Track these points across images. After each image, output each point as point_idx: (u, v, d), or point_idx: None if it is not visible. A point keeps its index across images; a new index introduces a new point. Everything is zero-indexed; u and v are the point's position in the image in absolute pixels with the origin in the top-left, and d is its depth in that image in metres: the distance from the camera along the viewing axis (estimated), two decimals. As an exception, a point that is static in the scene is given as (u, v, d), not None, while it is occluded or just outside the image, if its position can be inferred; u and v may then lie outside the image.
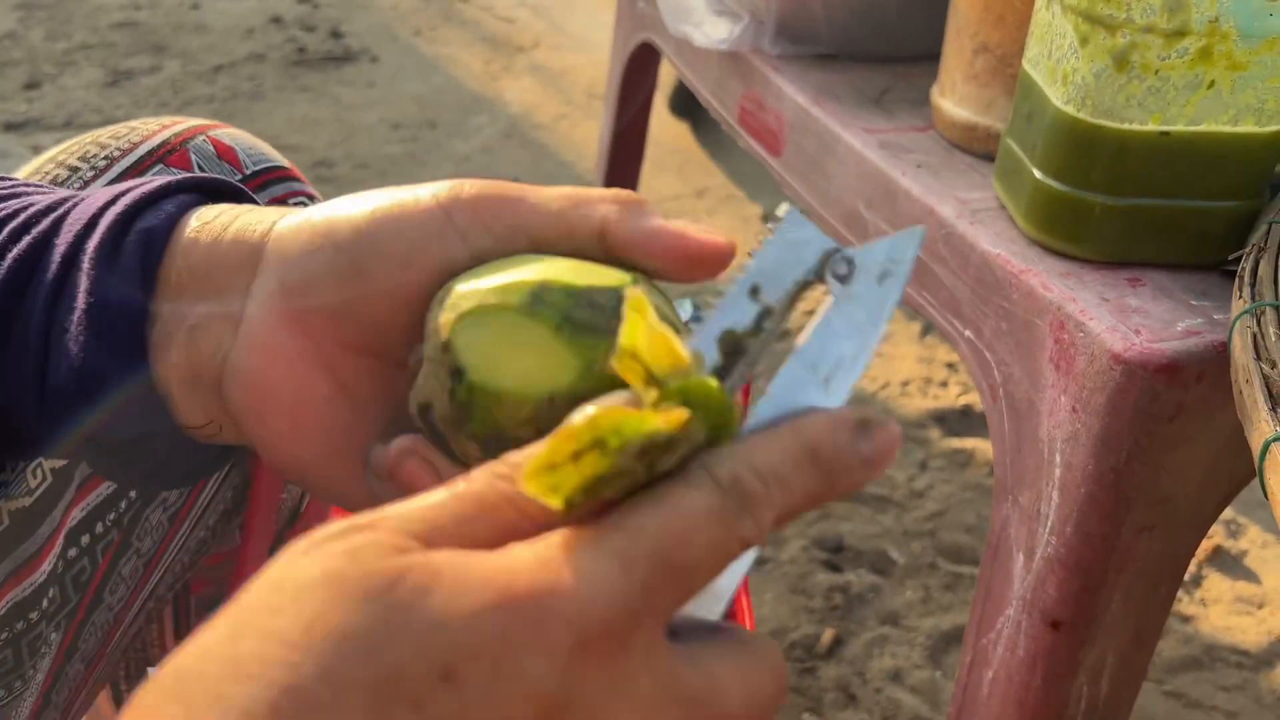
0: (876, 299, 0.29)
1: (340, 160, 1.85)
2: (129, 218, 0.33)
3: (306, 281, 0.31)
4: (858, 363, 0.28)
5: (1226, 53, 0.48)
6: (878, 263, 0.29)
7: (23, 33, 2.27)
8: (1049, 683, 0.55)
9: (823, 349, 0.28)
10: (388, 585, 0.20)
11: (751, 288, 0.29)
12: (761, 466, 0.25)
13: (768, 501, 0.24)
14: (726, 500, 0.24)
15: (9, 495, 0.43)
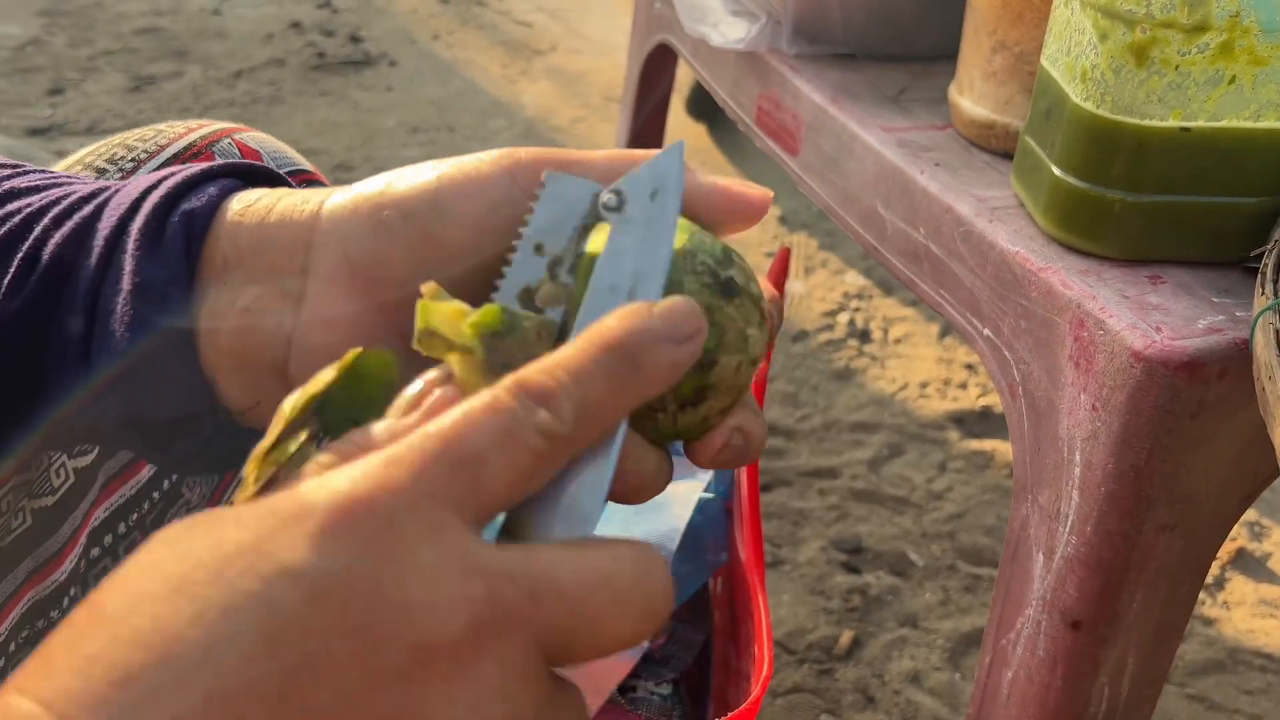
0: (655, 214, 0.29)
1: (359, 164, 1.86)
2: (171, 201, 0.33)
3: (376, 252, 0.31)
4: (655, 272, 0.29)
5: (1248, 48, 0.48)
6: (645, 184, 0.30)
7: (47, 39, 2.29)
8: (1069, 683, 0.54)
9: (616, 269, 0.29)
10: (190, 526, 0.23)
11: (535, 245, 0.30)
12: (548, 363, 0.25)
13: (561, 391, 0.25)
14: (507, 394, 0.24)
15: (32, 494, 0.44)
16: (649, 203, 0.29)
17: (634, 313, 0.26)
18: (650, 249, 0.29)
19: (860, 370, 1.44)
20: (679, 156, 0.30)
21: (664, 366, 0.26)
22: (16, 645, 0.44)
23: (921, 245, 0.62)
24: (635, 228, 0.29)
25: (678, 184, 0.30)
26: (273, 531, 0.21)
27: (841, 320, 1.53)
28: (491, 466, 0.23)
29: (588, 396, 0.25)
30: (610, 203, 0.30)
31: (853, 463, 1.28)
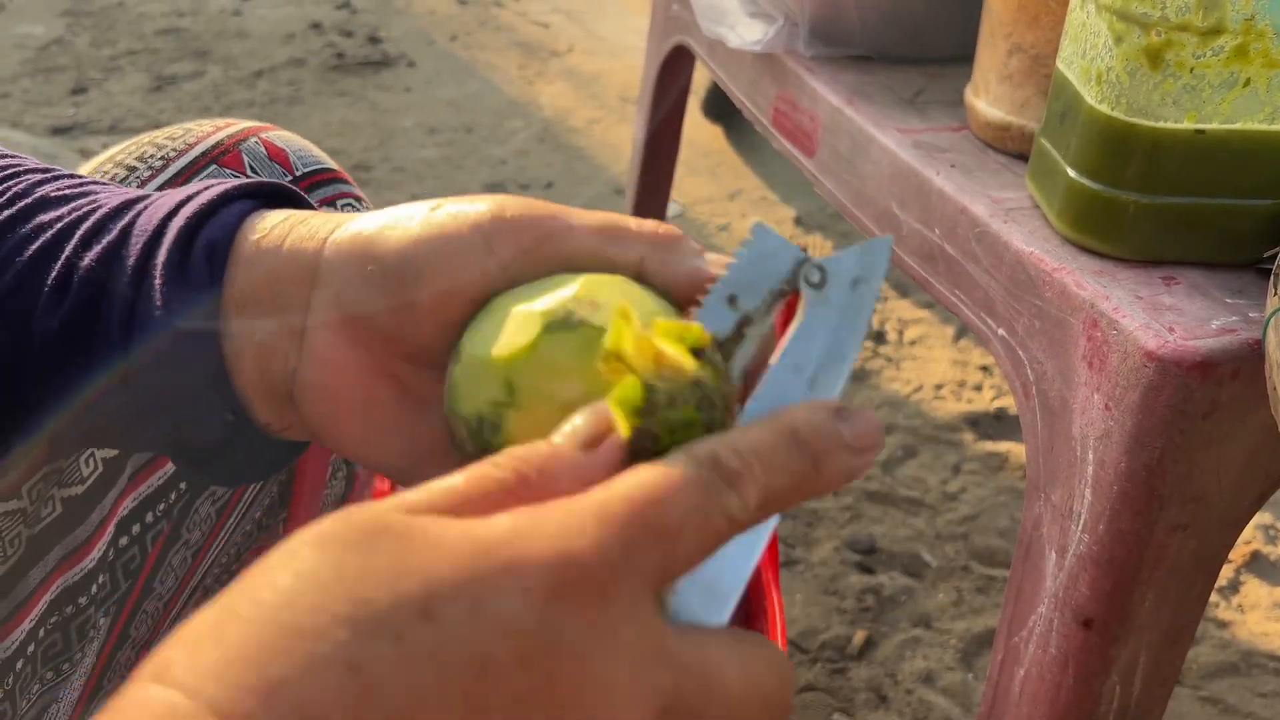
0: (852, 304, 0.29)
1: (377, 164, 1.87)
2: (193, 228, 0.34)
3: (358, 300, 0.33)
4: (841, 366, 0.29)
5: (1262, 50, 0.48)
6: (850, 270, 0.29)
7: (70, 39, 2.32)
8: (1081, 681, 0.55)
9: (804, 350, 0.29)
10: (371, 537, 0.22)
11: (728, 296, 0.30)
12: (741, 446, 0.25)
13: (750, 477, 0.25)
14: (705, 471, 0.24)
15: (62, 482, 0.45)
16: (849, 291, 0.29)
17: (823, 412, 0.27)
18: (839, 339, 0.29)
19: (875, 372, 1.44)
20: (887, 252, 0.30)
21: (841, 473, 0.26)
22: (46, 630, 0.45)
23: (936, 246, 0.63)
24: (832, 312, 0.29)
25: (880, 280, 0.29)
26: (487, 578, 0.21)
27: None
28: (685, 543, 0.24)
29: (772, 487, 0.25)
30: (813, 279, 0.29)
31: (867, 463, 1.29)
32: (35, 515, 0.44)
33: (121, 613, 0.50)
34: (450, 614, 0.21)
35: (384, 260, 0.32)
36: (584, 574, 0.22)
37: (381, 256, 0.32)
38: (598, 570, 0.22)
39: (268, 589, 0.21)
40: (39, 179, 0.37)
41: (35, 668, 0.45)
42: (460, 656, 0.20)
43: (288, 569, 0.21)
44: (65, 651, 0.47)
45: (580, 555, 0.22)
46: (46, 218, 0.35)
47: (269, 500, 0.57)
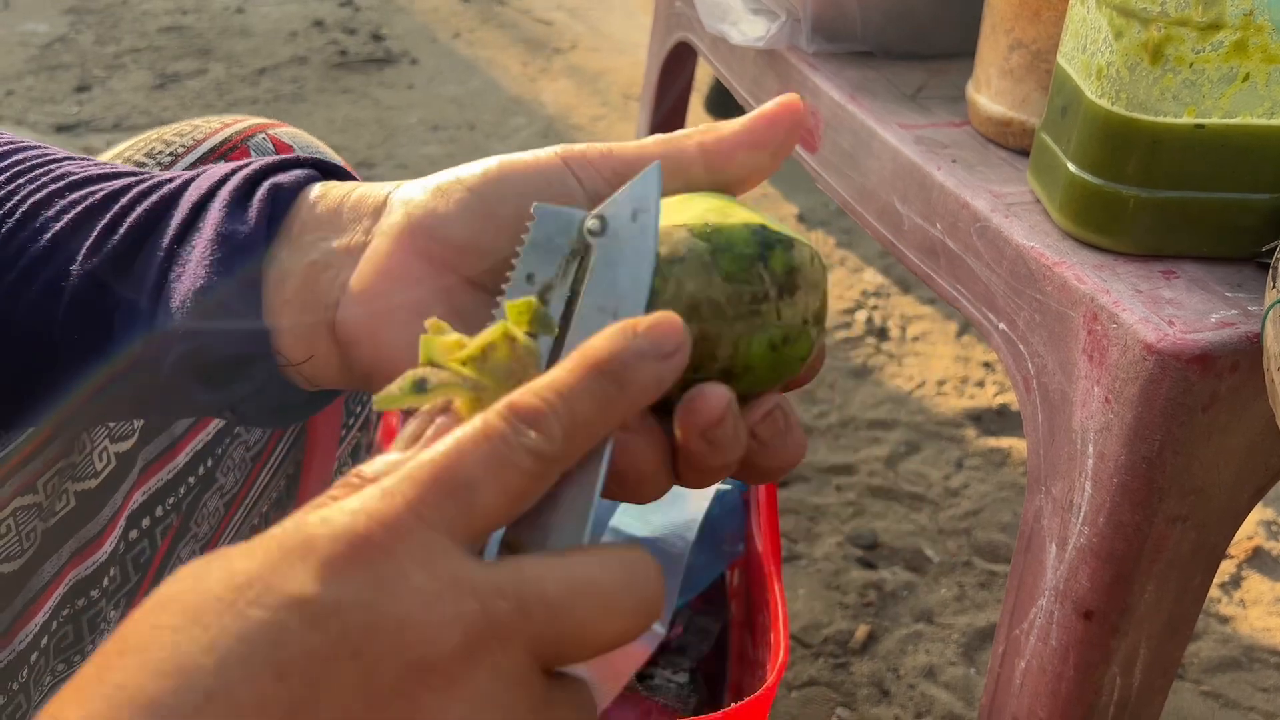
0: (636, 234, 0.31)
1: (381, 161, 1.88)
2: (261, 175, 0.35)
3: (435, 216, 0.33)
4: (638, 290, 0.30)
5: (1261, 46, 0.48)
6: (625, 206, 0.31)
7: (73, 37, 2.32)
8: (1081, 673, 0.55)
9: (602, 289, 0.30)
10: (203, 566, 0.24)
11: (527, 275, 0.31)
12: (538, 386, 0.26)
13: (549, 411, 0.26)
14: (498, 419, 0.26)
15: (75, 476, 0.45)
16: (630, 223, 0.31)
17: (619, 332, 0.28)
18: (633, 268, 0.30)
19: (878, 367, 1.45)
20: (656, 176, 0.31)
21: (649, 382, 0.27)
22: (59, 622, 0.46)
23: (938, 240, 0.63)
24: (619, 248, 0.31)
25: (656, 203, 0.31)
26: (278, 564, 0.23)
27: (859, 318, 1.54)
28: (483, 490, 0.25)
29: (576, 416, 0.26)
30: (594, 227, 0.31)
31: (870, 459, 1.29)
32: (50, 509, 0.44)
33: (132, 606, 0.50)
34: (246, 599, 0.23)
35: (468, 182, 0.33)
36: (364, 538, 0.23)
37: (465, 180, 0.33)
38: (377, 532, 0.24)
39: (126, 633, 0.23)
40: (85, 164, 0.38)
41: (48, 660, 0.46)
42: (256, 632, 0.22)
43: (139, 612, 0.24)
44: (77, 644, 0.48)
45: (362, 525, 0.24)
46: (96, 186, 0.36)
47: (276, 494, 0.57)
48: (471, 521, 0.25)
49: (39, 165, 0.38)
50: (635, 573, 0.26)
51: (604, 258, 0.31)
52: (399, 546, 0.24)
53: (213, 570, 0.23)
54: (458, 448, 0.25)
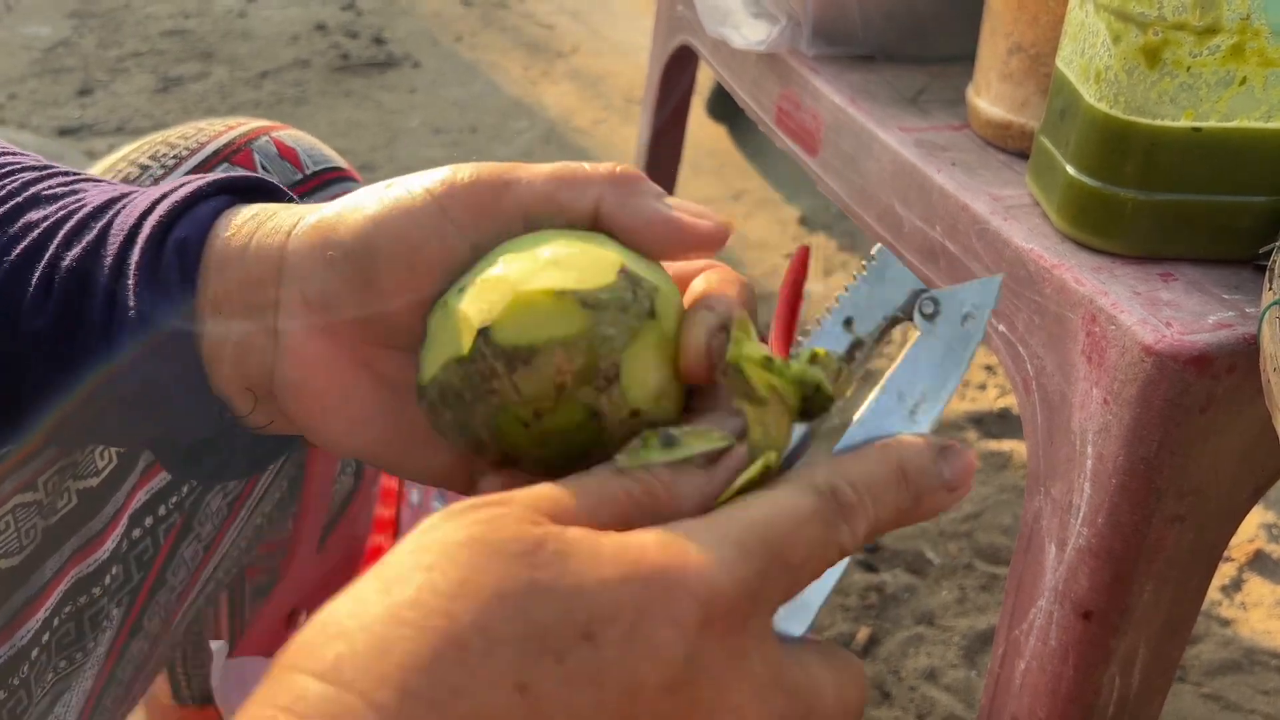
0: (959, 338, 0.31)
1: (383, 164, 1.88)
2: (165, 227, 0.34)
3: (324, 293, 0.32)
4: (941, 395, 0.30)
5: (1258, 49, 0.49)
6: (961, 305, 0.31)
7: (76, 40, 2.33)
8: (1081, 673, 0.55)
9: (909, 380, 0.30)
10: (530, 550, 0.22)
11: (845, 319, 0.31)
12: (856, 478, 0.27)
13: (862, 512, 0.26)
14: (827, 505, 0.26)
15: (77, 475, 0.46)
16: (958, 325, 0.31)
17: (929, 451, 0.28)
18: (944, 372, 0.30)
19: (880, 371, 1.45)
20: (997, 289, 0.31)
21: (936, 510, 0.28)
22: (60, 620, 0.46)
23: (938, 243, 0.64)
24: (940, 345, 0.31)
25: (987, 316, 0.31)
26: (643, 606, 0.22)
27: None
28: (804, 575, 0.25)
29: (876, 521, 0.27)
30: (927, 310, 0.31)
31: (870, 461, 1.29)
32: (51, 507, 0.44)
33: (134, 604, 0.50)
34: (609, 637, 0.22)
35: (342, 245, 0.32)
36: (729, 607, 0.23)
37: (339, 241, 0.32)
38: (739, 603, 0.23)
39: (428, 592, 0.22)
40: (34, 176, 0.37)
41: (49, 657, 0.46)
42: (616, 679, 0.22)
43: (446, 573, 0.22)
44: (79, 641, 0.48)
45: (726, 588, 0.23)
46: (35, 216, 0.36)
47: (279, 495, 0.57)
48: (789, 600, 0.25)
49: None
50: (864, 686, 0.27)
51: (923, 348, 0.31)
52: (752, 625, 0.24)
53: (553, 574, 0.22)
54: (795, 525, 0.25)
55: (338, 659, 0.21)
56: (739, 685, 0.23)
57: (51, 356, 0.34)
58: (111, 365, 0.34)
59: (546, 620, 0.21)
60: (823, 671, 0.26)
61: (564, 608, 0.22)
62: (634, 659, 0.22)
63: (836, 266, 1.65)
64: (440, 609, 0.21)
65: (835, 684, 0.26)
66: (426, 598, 0.21)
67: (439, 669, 0.21)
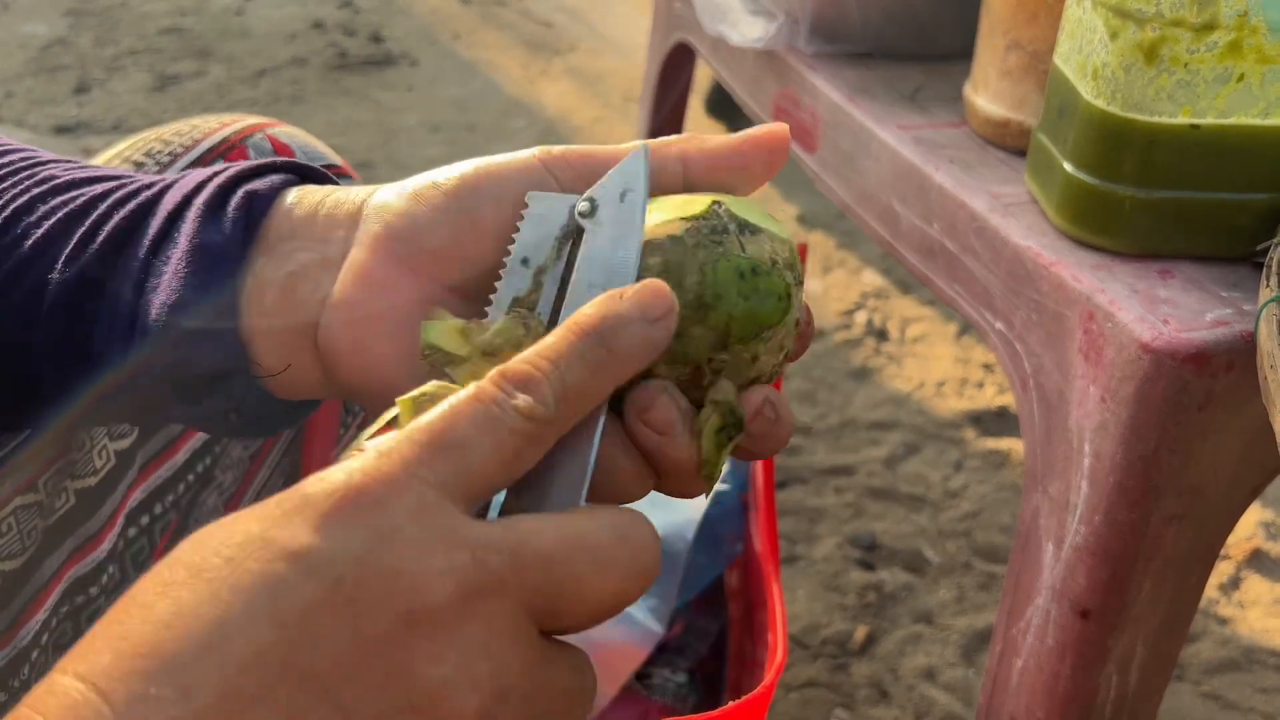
0: (624, 213, 0.31)
1: (380, 162, 1.88)
2: (236, 182, 0.35)
3: (413, 224, 0.33)
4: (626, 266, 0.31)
5: (1256, 46, 0.49)
6: (613, 188, 0.32)
7: (73, 38, 2.33)
8: (1078, 671, 0.55)
9: (592, 268, 0.31)
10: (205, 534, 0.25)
11: (522, 259, 0.32)
12: (529, 353, 0.27)
13: (540, 375, 0.27)
14: (490, 385, 0.26)
15: (75, 474, 0.45)
16: (619, 204, 0.32)
17: (606, 299, 0.28)
18: (621, 244, 0.31)
19: (877, 369, 1.45)
20: (644, 158, 0.32)
21: (638, 346, 0.28)
22: (58, 619, 0.46)
23: (936, 241, 0.64)
24: (608, 227, 0.31)
25: (644, 183, 0.32)
26: (277, 521, 0.24)
27: (859, 319, 1.54)
28: (476, 450, 0.26)
29: (567, 380, 0.27)
30: (584, 210, 0.32)
31: (869, 460, 1.29)
32: (50, 507, 0.44)
33: (131, 603, 0.50)
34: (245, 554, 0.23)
35: (445, 187, 0.33)
36: (359, 493, 0.24)
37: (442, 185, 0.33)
38: (373, 487, 0.24)
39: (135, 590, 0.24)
40: (69, 166, 0.38)
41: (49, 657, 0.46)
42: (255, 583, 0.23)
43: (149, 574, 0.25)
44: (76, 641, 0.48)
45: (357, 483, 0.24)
46: (77, 192, 0.36)
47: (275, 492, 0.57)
48: (466, 480, 0.25)
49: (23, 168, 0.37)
50: (630, 531, 0.26)
51: (594, 237, 0.31)
52: (393, 500, 0.24)
53: (217, 532, 0.24)
54: (451, 411, 0.26)
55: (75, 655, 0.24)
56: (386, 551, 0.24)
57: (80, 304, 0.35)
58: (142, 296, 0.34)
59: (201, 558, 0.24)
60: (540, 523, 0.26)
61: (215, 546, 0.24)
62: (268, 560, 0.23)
63: (835, 264, 1.65)
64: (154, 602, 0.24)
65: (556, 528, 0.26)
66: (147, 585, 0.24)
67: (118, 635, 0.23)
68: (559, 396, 0.27)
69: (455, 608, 0.24)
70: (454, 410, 0.26)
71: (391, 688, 0.23)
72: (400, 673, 0.23)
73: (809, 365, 1.44)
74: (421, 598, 0.24)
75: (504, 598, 0.24)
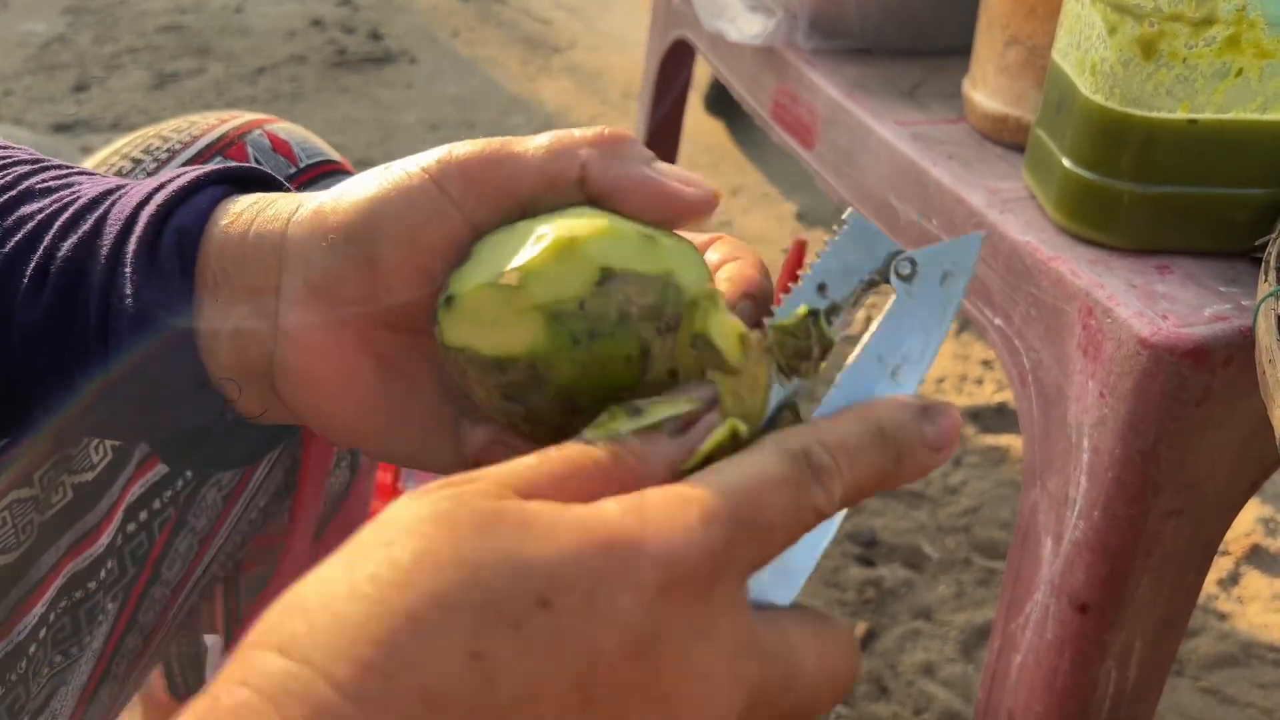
0: (939, 298, 0.30)
1: (379, 160, 1.88)
2: (164, 215, 0.34)
3: (327, 277, 0.32)
4: (924, 357, 0.30)
5: (1254, 41, 0.49)
6: (940, 264, 0.30)
7: (72, 36, 2.32)
8: (1077, 666, 0.55)
9: (889, 342, 0.30)
10: (490, 522, 0.22)
11: (819, 284, 0.30)
12: (830, 441, 0.26)
13: (837, 473, 0.26)
14: (798, 468, 0.25)
15: (72, 469, 0.45)
16: (938, 285, 0.30)
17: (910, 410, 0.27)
18: (926, 332, 0.30)
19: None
20: (977, 246, 0.31)
21: (920, 470, 0.27)
22: (56, 614, 0.46)
23: (934, 237, 0.64)
24: (919, 306, 0.30)
25: (969, 274, 0.30)
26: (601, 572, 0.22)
27: (858, 316, 1.54)
28: (778, 539, 0.25)
29: (856, 484, 0.26)
30: (903, 270, 0.30)
31: (868, 456, 1.29)
32: (46, 502, 0.44)
33: (129, 598, 0.50)
34: (566, 604, 0.21)
35: (342, 227, 0.32)
36: (691, 572, 0.23)
37: (339, 224, 0.32)
38: (703, 567, 0.23)
39: (386, 566, 0.22)
40: (27, 170, 0.37)
41: (46, 652, 0.46)
42: (574, 646, 0.21)
43: (405, 547, 0.22)
44: (74, 636, 0.48)
45: (688, 553, 0.23)
46: (29, 210, 0.35)
47: (274, 488, 0.57)
48: (761, 565, 0.25)
49: None
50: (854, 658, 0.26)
51: (902, 307, 0.30)
52: (715, 591, 0.23)
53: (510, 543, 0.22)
54: (764, 487, 0.25)
55: (295, 634, 0.21)
56: (705, 651, 0.23)
57: (45, 350, 0.34)
58: (107, 357, 0.34)
59: (502, 588, 0.21)
60: (804, 638, 0.25)
61: (520, 576, 0.21)
62: (591, 625, 0.21)
63: (834, 261, 1.65)
64: (396, 581, 0.21)
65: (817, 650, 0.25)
66: (384, 572, 0.21)
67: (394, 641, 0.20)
68: (843, 497, 0.26)
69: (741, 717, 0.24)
70: (766, 487, 0.25)
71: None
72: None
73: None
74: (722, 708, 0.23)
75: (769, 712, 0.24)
